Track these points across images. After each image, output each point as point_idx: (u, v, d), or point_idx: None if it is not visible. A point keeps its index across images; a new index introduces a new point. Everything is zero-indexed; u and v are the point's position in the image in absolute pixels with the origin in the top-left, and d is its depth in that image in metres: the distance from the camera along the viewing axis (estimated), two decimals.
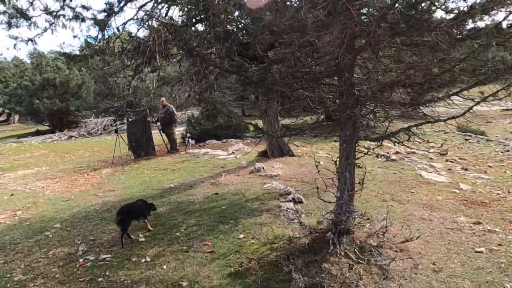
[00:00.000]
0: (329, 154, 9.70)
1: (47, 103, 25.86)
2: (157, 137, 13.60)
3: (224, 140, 13.05)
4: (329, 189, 6.47)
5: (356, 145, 4.22)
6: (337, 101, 4.34)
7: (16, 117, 33.54)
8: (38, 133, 27.30)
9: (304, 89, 4.22)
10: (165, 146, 12.27)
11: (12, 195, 8.72)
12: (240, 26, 6.70)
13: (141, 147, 11.68)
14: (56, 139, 20.15)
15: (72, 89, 27.76)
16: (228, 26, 5.58)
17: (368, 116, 4.12)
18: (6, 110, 33.37)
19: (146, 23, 5.74)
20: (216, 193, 6.64)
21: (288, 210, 5.32)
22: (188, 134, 12.51)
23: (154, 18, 5.20)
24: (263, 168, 7.79)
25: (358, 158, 4.43)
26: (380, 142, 4.30)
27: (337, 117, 4.26)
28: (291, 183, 6.90)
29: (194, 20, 5.77)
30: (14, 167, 13.20)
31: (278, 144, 8.71)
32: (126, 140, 11.89)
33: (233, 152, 10.54)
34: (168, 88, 26.92)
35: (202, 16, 4.08)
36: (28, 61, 35.65)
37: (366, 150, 4.47)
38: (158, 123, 12.09)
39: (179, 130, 14.72)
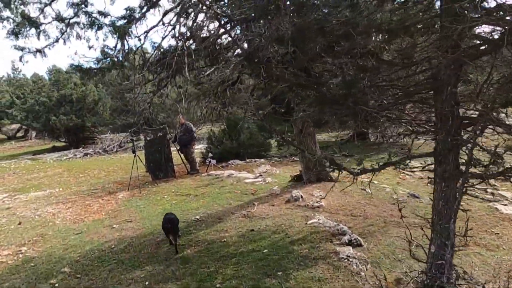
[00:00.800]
0: (368, 177, 8.56)
1: (64, 119, 25.27)
2: (176, 156, 12.66)
3: (248, 160, 11.98)
4: (389, 226, 5.34)
5: (465, 185, 3.07)
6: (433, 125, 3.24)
7: (34, 134, 33.07)
8: (54, 149, 26.67)
9: (390, 108, 3.15)
10: (184, 167, 11.24)
11: (20, 223, 7.75)
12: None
13: (159, 169, 10.67)
14: (71, 156, 19.36)
15: (88, 105, 27.19)
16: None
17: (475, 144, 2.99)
18: (24, 127, 33.03)
19: (175, 29, 4.76)
20: (252, 230, 5.54)
21: (350, 260, 4.17)
22: (210, 154, 11.47)
23: (204, 6, 4.17)
24: (301, 196, 6.68)
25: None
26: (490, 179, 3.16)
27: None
28: (339, 217, 5.76)
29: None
30: (26, 188, 12.31)
31: (312, 167, 7.60)
32: (144, 160, 10.91)
33: (260, 175, 9.45)
34: (185, 104, 26.19)
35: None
36: (47, 78, 35.39)
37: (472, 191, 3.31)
38: (176, 142, 11.10)
39: (198, 148, 13.74)
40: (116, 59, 5.68)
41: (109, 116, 26.70)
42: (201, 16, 6.20)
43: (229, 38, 6.52)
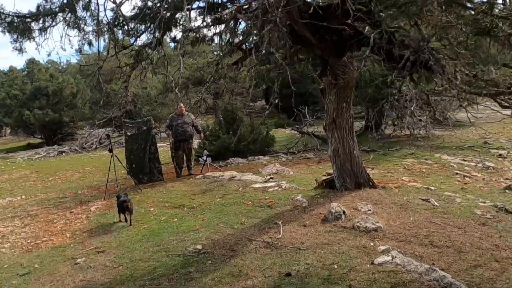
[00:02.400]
0: (416, 181, 6.60)
1: (39, 114, 22.64)
2: (163, 155, 10.51)
3: (250, 158, 9.87)
4: (509, 269, 3.36)
5: None
6: None
7: (8, 130, 30.22)
8: (29, 146, 24.05)
9: None
10: (174, 168, 9.05)
11: None
12: None
13: (143, 171, 8.49)
14: (44, 155, 16.91)
15: (66, 98, 24.58)
16: None
17: None
18: None
19: None
20: (289, 274, 3.47)
21: None
22: (205, 151, 9.31)
23: None
24: (343, 213, 4.65)
25: None
26: None
27: None
28: (415, 248, 3.75)
29: None
30: None
31: (350, 169, 5.57)
32: (124, 160, 8.71)
33: (271, 177, 7.38)
34: (172, 95, 23.80)
35: None
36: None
37: None
38: (170, 136, 8.90)
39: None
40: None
41: (89, 109, 24.13)
42: None
43: None
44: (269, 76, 13.45)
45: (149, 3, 4.57)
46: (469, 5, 3.39)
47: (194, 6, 4.99)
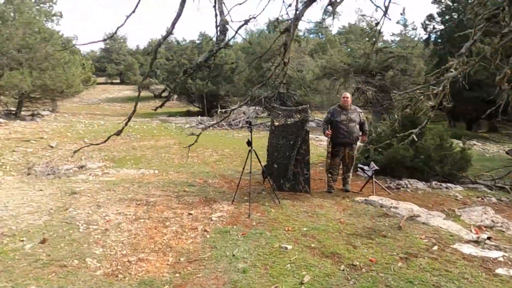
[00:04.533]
0: None
1: (199, 84, 23.07)
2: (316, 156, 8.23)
3: (434, 184, 6.72)
4: None
5: None
6: None
7: (175, 95, 32.47)
8: (188, 113, 24.97)
9: None
10: (326, 178, 6.59)
11: (43, 241, 4.30)
12: None
13: (286, 175, 6.29)
14: (194, 125, 16.55)
15: (225, 73, 24.56)
16: None
17: None
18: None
19: None
20: None
21: None
22: (372, 163, 6.56)
23: None
24: None
25: None
26: None
27: None
28: None
29: None
30: (125, 160, 9.36)
31: None
32: (265, 156, 6.65)
33: (488, 238, 4.26)
34: (327, 82, 21.30)
35: None
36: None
37: None
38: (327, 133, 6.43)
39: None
40: None
41: (243, 86, 23.56)
42: None
43: None
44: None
45: None
46: None
47: None
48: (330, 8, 3.99)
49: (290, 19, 4.20)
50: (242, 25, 3.94)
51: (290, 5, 4.18)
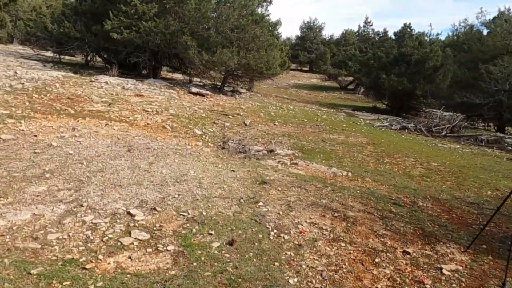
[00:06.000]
0: None
1: (394, 80, 20.57)
2: None
3: None
4: None
5: None
6: None
7: (361, 89, 30.57)
8: (374, 110, 22.87)
9: None
10: None
11: (231, 243, 3.57)
12: None
13: None
14: (386, 125, 14.53)
15: (427, 71, 21.19)
16: None
17: None
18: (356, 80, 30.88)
19: None
20: None
21: None
22: None
23: None
24: None
25: None
26: None
27: None
28: None
29: None
30: (313, 153, 8.42)
31: None
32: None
33: None
34: None
35: None
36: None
37: None
38: None
39: None
40: None
41: (447, 88, 19.83)
42: None
43: None
44: None
45: None
46: None
47: None
48: None
49: None
50: None
51: None
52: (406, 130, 13.60)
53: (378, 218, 4.68)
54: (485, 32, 22.20)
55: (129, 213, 3.98)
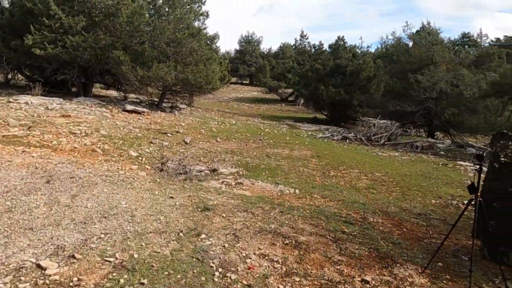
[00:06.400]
0: None
1: (331, 91, 21.11)
2: None
3: None
4: None
5: None
6: None
7: (301, 100, 31.20)
8: (314, 121, 23.26)
9: None
10: None
11: None
12: None
13: (511, 241, 3.96)
14: (328, 135, 14.68)
15: (361, 81, 22.08)
16: None
17: None
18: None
19: None
20: None
21: None
22: None
23: None
24: None
25: None
26: None
27: None
28: None
29: None
30: (258, 170, 8.03)
31: None
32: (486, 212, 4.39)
33: None
34: (492, 102, 17.23)
35: None
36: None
37: None
38: None
39: None
40: None
41: (381, 98, 20.77)
42: None
43: None
44: None
45: None
46: None
47: None
48: None
49: None
50: None
51: None
52: (347, 140, 13.81)
53: (331, 241, 4.34)
54: (411, 44, 23.72)
55: (38, 266, 3.21)
